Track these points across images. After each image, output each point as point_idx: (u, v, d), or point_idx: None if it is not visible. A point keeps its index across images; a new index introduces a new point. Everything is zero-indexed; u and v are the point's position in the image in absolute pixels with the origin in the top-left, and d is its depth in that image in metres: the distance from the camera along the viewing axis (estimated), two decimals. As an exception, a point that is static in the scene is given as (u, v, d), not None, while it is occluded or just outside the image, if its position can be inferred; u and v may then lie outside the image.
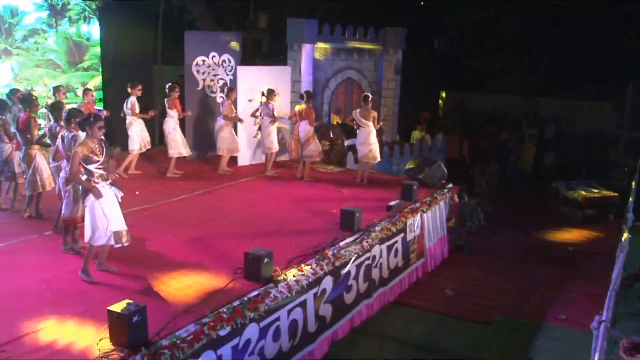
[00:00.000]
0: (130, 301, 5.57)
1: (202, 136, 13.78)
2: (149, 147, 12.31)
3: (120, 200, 7.17)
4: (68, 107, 8.99)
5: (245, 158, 13.52)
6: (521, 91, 23.49)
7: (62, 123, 8.30)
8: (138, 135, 11.99)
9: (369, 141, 12.15)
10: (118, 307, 5.44)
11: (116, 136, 13.17)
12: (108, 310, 5.46)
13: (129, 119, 11.94)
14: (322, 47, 15.13)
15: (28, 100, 9.21)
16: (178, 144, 12.23)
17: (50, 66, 13.05)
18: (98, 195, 6.86)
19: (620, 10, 21.28)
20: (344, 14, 19.34)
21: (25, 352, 5.45)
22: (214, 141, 12.84)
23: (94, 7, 13.70)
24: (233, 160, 13.23)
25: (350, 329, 8.67)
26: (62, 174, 8.06)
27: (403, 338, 8.85)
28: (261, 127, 12.87)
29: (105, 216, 6.91)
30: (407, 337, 8.88)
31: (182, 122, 12.75)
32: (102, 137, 7.08)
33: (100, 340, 5.52)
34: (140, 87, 11.94)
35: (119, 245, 7.09)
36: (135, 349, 5.33)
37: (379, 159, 12.52)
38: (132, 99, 11.88)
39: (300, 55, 14.46)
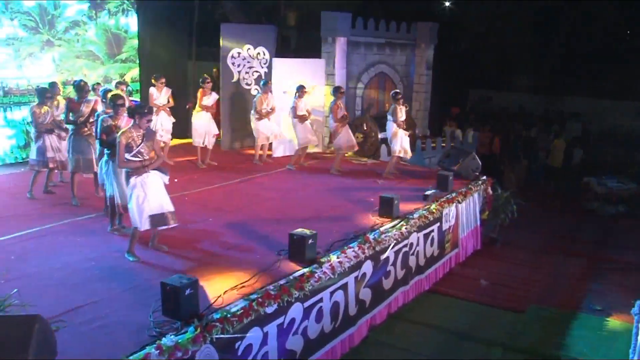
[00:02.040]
0: (183, 275, 5.72)
1: (237, 128, 13.92)
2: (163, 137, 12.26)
3: (167, 182, 7.36)
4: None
5: (280, 149, 13.67)
6: (543, 89, 23.50)
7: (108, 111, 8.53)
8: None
9: (399, 134, 12.14)
10: (171, 280, 5.58)
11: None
12: (161, 282, 5.59)
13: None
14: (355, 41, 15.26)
15: (77, 87, 9.49)
16: (196, 134, 12.46)
17: (90, 57, 13.34)
18: (141, 174, 7.09)
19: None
20: (372, 12, 19.42)
21: (80, 322, 5.62)
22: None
23: (132, 0, 13.97)
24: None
25: (388, 315, 8.75)
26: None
27: (438, 325, 8.91)
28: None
29: (148, 201, 7.09)
30: (442, 324, 8.94)
31: (216, 114, 12.99)
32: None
33: (153, 312, 5.65)
34: (162, 80, 12.09)
35: (164, 227, 7.30)
36: (187, 321, 5.44)
37: (409, 153, 12.48)
38: (150, 90, 12.12)
39: (334, 49, 14.57)
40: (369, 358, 7.84)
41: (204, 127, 12.38)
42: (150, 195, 7.11)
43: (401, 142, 12.02)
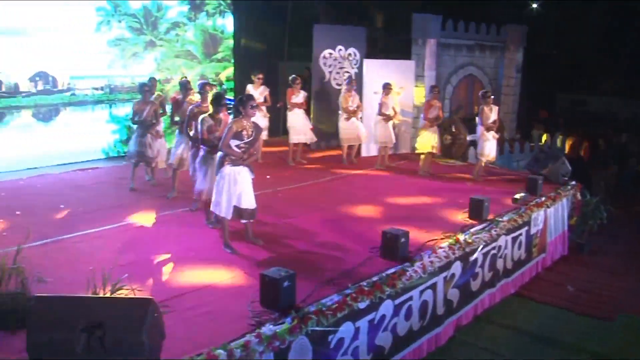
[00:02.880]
0: (281, 268, 5.97)
1: (328, 127, 14.19)
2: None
3: (253, 178, 7.58)
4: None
5: (368, 149, 13.85)
6: (636, 93, 22.83)
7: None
8: None
9: (484, 137, 12.11)
10: (270, 272, 5.83)
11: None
12: (261, 274, 5.85)
13: None
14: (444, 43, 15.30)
15: (181, 85, 9.93)
16: (294, 131, 12.67)
17: (188, 57, 13.95)
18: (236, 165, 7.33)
19: None
20: (459, 14, 19.40)
21: (185, 309, 5.91)
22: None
23: (228, 1, 14.49)
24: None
25: (474, 316, 8.80)
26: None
27: (525, 329, 8.84)
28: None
29: (235, 193, 7.34)
30: (528, 328, 8.87)
31: (307, 113, 13.24)
32: (254, 121, 7.56)
33: (252, 302, 5.90)
34: (260, 76, 12.36)
35: (244, 221, 7.66)
36: (284, 312, 5.67)
37: (490, 157, 12.28)
38: (247, 87, 12.40)
39: (424, 50, 14.65)
40: (455, 358, 7.91)
41: (301, 123, 12.64)
42: (239, 189, 7.36)
43: (484, 146, 12.01)
